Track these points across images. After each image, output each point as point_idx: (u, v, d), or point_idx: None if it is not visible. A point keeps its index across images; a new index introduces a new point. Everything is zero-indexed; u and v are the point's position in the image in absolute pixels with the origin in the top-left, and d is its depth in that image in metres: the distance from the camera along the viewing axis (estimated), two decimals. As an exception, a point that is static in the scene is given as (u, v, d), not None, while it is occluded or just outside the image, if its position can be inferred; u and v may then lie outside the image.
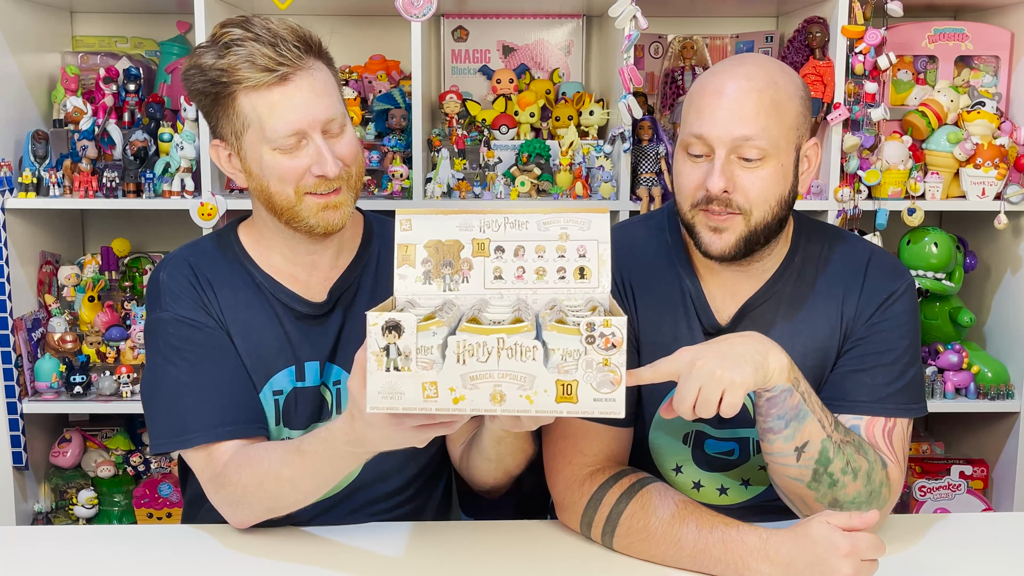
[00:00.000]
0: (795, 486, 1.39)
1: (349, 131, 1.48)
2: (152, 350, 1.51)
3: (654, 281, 1.54)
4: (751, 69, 1.43)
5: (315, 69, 1.43)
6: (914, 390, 1.50)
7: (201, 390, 1.46)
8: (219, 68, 1.39)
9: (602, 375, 1.06)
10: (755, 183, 1.41)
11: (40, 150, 2.34)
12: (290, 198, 1.45)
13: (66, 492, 2.53)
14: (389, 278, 1.57)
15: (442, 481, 1.70)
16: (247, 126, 1.42)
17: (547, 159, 2.37)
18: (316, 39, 1.45)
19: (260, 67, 1.38)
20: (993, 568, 1.41)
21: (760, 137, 1.39)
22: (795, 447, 1.35)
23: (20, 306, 2.36)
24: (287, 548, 1.43)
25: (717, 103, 1.41)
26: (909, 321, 1.51)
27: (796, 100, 1.43)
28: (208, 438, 1.43)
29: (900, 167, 2.32)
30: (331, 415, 1.56)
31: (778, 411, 1.34)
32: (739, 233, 1.43)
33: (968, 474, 2.54)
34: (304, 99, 1.40)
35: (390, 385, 1.06)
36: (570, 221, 1.25)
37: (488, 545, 1.46)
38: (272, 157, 1.43)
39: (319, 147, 1.42)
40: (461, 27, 2.67)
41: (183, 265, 1.53)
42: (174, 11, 2.56)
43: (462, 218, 1.26)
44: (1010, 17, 2.46)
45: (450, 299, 1.25)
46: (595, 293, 1.25)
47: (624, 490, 1.41)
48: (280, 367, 1.52)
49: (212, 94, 1.42)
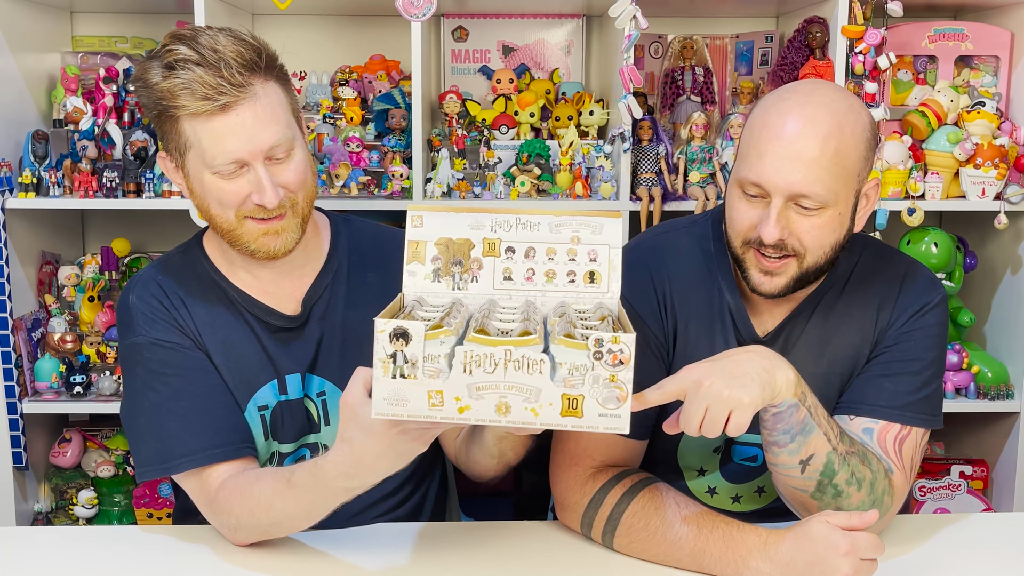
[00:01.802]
0: (799, 495, 1.39)
1: (297, 155, 1.43)
2: (130, 376, 1.48)
3: (693, 291, 1.52)
4: (816, 113, 1.35)
5: (260, 95, 1.36)
6: (933, 403, 1.49)
7: (184, 414, 1.44)
8: (161, 89, 1.35)
9: (608, 391, 1.05)
10: (810, 231, 1.37)
11: (40, 150, 2.34)
12: (230, 221, 1.42)
13: (66, 492, 2.53)
14: (362, 283, 1.57)
15: (437, 471, 1.70)
16: (189, 147, 1.39)
17: (547, 159, 2.37)
18: (267, 56, 1.39)
19: (200, 96, 1.33)
20: (993, 568, 1.41)
21: (819, 190, 1.34)
22: (800, 460, 1.35)
23: (20, 306, 2.36)
24: (287, 551, 1.42)
25: (776, 149, 1.35)
26: (938, 334, 1.50)
27: (861, 145, 1.37)
28: (196, 463, 1.42)
29: (900, 167, 2.32)
30: (319, 427, 1.55)
31: (784, 425, 1.33)
32: (791, 275, 1.41)
33: (968, 474, 2.54)
34: (245, 129, 1.35)
35: (396, 392, 1.06)
36: (582, 224, 1.25)
37: (488, 545, 1.46)
38: (212, 181, 1.39)
39: (259, 177, 1.38)
40: (461, 27, 2.67)
41: (152, 285, 1.50)
42: (174, 11, 2.56)
43: (474, 216, 1.25)
44: (1010, 17, 2.46)
45: (459, 298, 1.24)
46: (604, 298, 1.24)
47: (626, 490, 1.41)
48: (262, 382, 1.51)
49: (156, 111, 1.39)
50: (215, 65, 1.33)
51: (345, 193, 2.31)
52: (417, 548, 1.45)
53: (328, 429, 1.55)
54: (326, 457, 1.25)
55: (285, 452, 1.55)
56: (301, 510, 1.33)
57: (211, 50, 1.34)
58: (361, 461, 1.19)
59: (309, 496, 1.30)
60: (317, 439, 1.56)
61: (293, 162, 1.42)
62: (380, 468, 1.21)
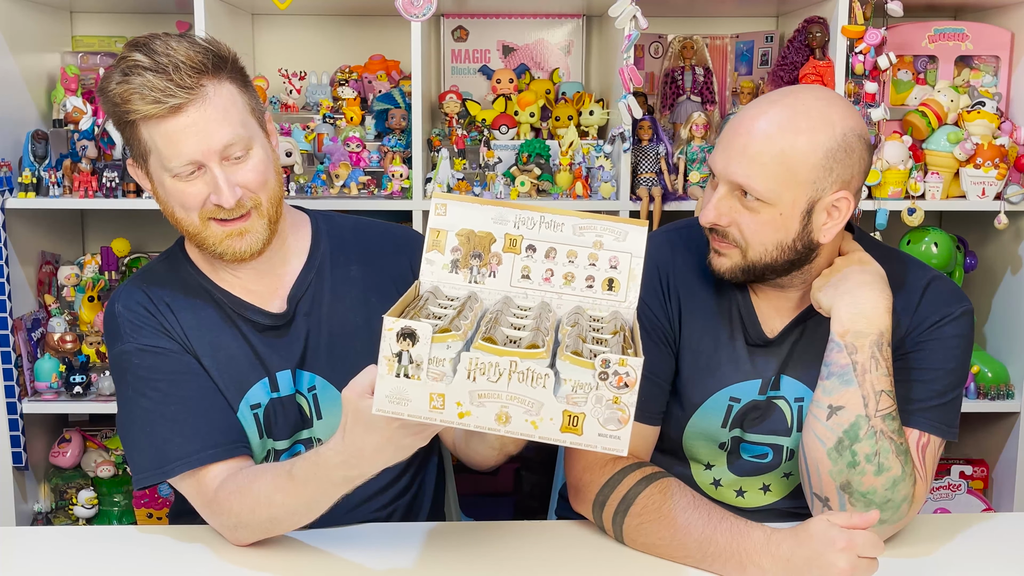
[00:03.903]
0: (817, 448, 1.40)
1: (256, 155, 1.43)
2: (121, 384, 1.49)
3: (702, 287, 1.55)
4: (780, 113, 1.39)
5: (211, 96, 1.38)
6: (949, 413, 1.49)
7: (176, 418, 1.44)
8: (116, 97, 1.37)
9: (610, 412, 1.05)
10: (750, 224, 1.42)
11: (40, 150, 2.34)
12: (195, 224, 1.44)
13: (66, 492, 2.53)
14: (346, 277, 1.57)
15: (433, 459, 1.70)
16: (149, 152, 1.41)
17: (547, 159, 2.37)
18: (223, 55, 1.41)
19: (150, 99, 1.35)
20: (993, 568, 1.41)
21: (755, 186, 1.39)
22: (829, 404, 1.39)
23: (20, 306, 2.36)
24: (287, 550, 1.42)
25: (731, 139, 1.42)
26: (958, 346, 1.50)
27: (818, 153, 1.37)
28: (190, 465, 1.42)
29: (900, 167, 2.32)
30: (312, 422, 1.56)
31: (828, 358, 1.41)
32: (736, 262, 1.46)
33: (968, 474, 2.54)
34: (198, 129, 1.37)
35: (398, 390, 1.06)
36: (607, 230, 1.24)
37: (488, 545, 1.46)
38: (172, 184, 1.41)
39: (215, 177, 1.39)
40: (461, 27, 2.67)
41: (137, 292, 1.52)
42: (174, 11, 2.56)
43: (498, 210, 1.24)
44: (1010, 17, 2.46)
45: (474, 292, 1.24)
46: (621, 307, 1.24)
47: (645, 476, 1.43)
48: (253, 380, 1.51)
49: (115, 117, 1.41)
50: (165, 69, 1.35)
51: (345, 193, 2.31)
52: (417, 548, 1.45)
53: (321, 423, 1.56)
54: (326, 446, 1.26)
55: (280, 449, 1.55)
56: (301, 503, 1.33)
57: (164, 55, 1.36)
58: (361, 452, 1.20)
59: (310, 488, 1.30)
60: (311, 434, 1.56)
61: (252, 161, 1.43)
62: (379, 460, 1.22)
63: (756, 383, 1.53)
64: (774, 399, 1.53)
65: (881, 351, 1.39)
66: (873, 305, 1.40)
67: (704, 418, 1.55)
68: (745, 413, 1.54)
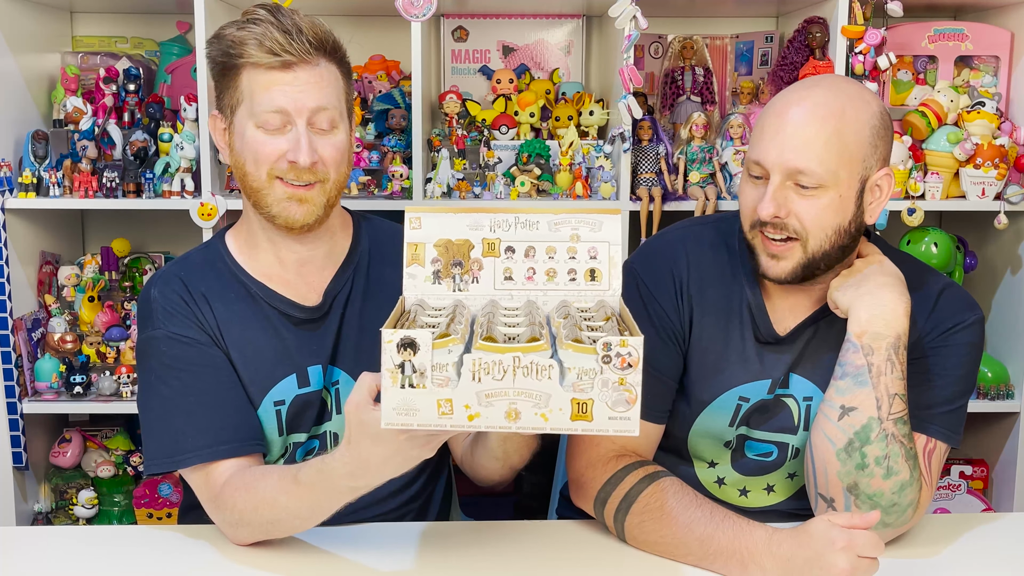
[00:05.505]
0: (826, 448, 1.40)
1: (341, 135, 1.49)
2: (145, 369, 1.50)
3: (712, 285, 1.54)
4: (821, 95, 1.40)
5: (322, 68, 1.45)
6: (956, 420, 1.49)
7: (195, 410, 1.45)
8: (231, 39, 1.43)
9: (617, 394, 1.05)
10: (808, 210, 1.40)
11: (40, 150, 2.34)
12: (260, 180, 1.46)
13: (66, 492, 2.53)
14: (380, 277, 1.58)
15: (443, 476, 1.71)
16: (241, 101, 1.45)
17: (547, 159, 2.37)
18: (334, 41, 1.47)
19: (266, 48, 1.41)
20: (993, 568, 1.42)
21: (815, 168, 1.37)
22: (842, 404, 1.39)
23: (20, 306, 2.36)
24: (288, 550, 1.42)
25: (777, 128, 1.40)
26: (968, 354, 1.50)
27: (865, 129, 1.40)
28: (202, 458, 1.43)
29: (900, 167, 2.32)
30: (331, 416, 1.56)
31: (843, 358, 1.40)
32: (796, 260, 1.44)
33: (968, 474, 2.54)
34: (298, 86, 1.42)
35: (405, 402, 1.06)
36: (581, 222, 1.25)
37: (488, 545, 1.46)
38: (253, 134, 1.44)
39: (299, 134, 1.43)
40: (461, 27, 2.67)
41: (174, 281, 1.52)
42: (174, 11, 2.56)
43: (472, 217, 1.25)
44: (1010, 17, 2.46)
45: (460, 300, 1.24)
46: (606, 296, 1.24)
47: (648, 474, 1.43)
48: (280, 376, 1.52)
49: (221, 63, 1.46)
50: (288, 31, 1.41)
51: (345, 193, 2.31)
52: (418, 548, 1.45)
53: (339, 417, 1.57)
54: (333, 455, 1.25)
55: (299, 442, 1.56)
56: (305, 508, 1.33)
57: (290, 20, 1.43)
58: (367, 463, 1.20)
59: (314, 493, 1.30)
60: (328, 428, 1.57)
61: (334, 138, 1.47)
62: (386, 471, 1.22)
63: (766, 383, 1.52)
64: (782, 397, 1.53)
65: (897, 354, 1.39)
66: (892, 307, 1.40)
67: (712, 416, 1.54)
68: (753, 411, 1.54)
